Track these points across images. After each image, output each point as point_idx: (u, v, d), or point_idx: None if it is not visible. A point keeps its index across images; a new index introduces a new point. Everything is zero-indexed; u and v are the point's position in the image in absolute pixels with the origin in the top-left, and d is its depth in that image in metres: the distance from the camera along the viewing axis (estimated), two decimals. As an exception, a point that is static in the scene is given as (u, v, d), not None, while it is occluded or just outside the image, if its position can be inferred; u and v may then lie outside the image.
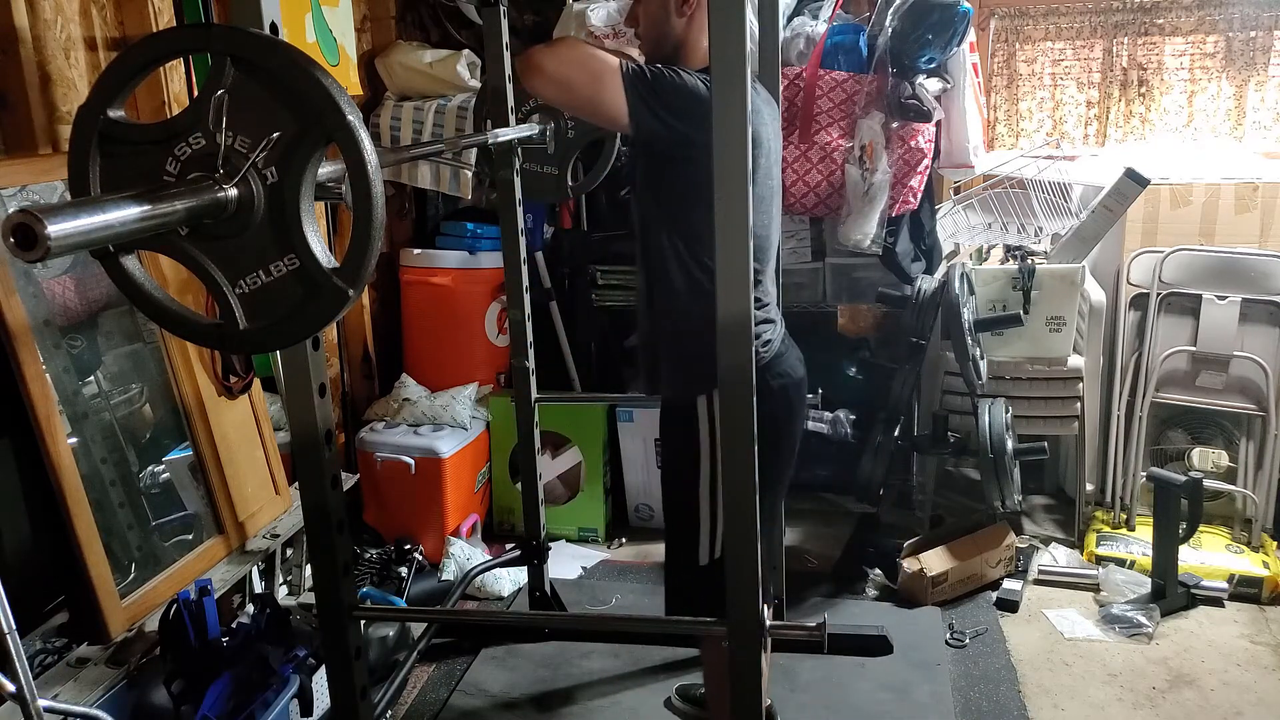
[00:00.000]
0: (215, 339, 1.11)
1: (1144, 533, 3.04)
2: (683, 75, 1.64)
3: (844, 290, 3.40)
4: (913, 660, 2.61)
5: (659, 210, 1.79)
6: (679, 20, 1.74)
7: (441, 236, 3.49)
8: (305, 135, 1.01)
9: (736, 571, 1.47)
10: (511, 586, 3.04)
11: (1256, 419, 3.08)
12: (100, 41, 2.28)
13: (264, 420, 2.60)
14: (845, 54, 3.04)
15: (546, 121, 2.51)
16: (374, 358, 3.41)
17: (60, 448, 1.94)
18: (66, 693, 1.86)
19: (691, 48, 1.76)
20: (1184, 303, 3.14)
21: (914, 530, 3.18)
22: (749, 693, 1.52)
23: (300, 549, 2.69)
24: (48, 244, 0.81)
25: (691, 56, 1.76)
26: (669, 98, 1.61)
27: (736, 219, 1.32)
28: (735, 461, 1.42)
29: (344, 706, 1.68)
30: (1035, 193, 3.23)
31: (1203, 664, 2.59)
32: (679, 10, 1.74)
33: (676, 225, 1.75)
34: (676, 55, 1.76)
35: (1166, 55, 3.49)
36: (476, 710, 2.49)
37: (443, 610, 2.76)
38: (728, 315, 1.35)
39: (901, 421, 3.08)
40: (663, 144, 1.67)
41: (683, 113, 1.61)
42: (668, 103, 1.61)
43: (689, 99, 1.60)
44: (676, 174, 1.71)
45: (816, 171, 3.03)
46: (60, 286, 2.12)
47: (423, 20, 3.54)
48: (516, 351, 2.64)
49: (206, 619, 2.02)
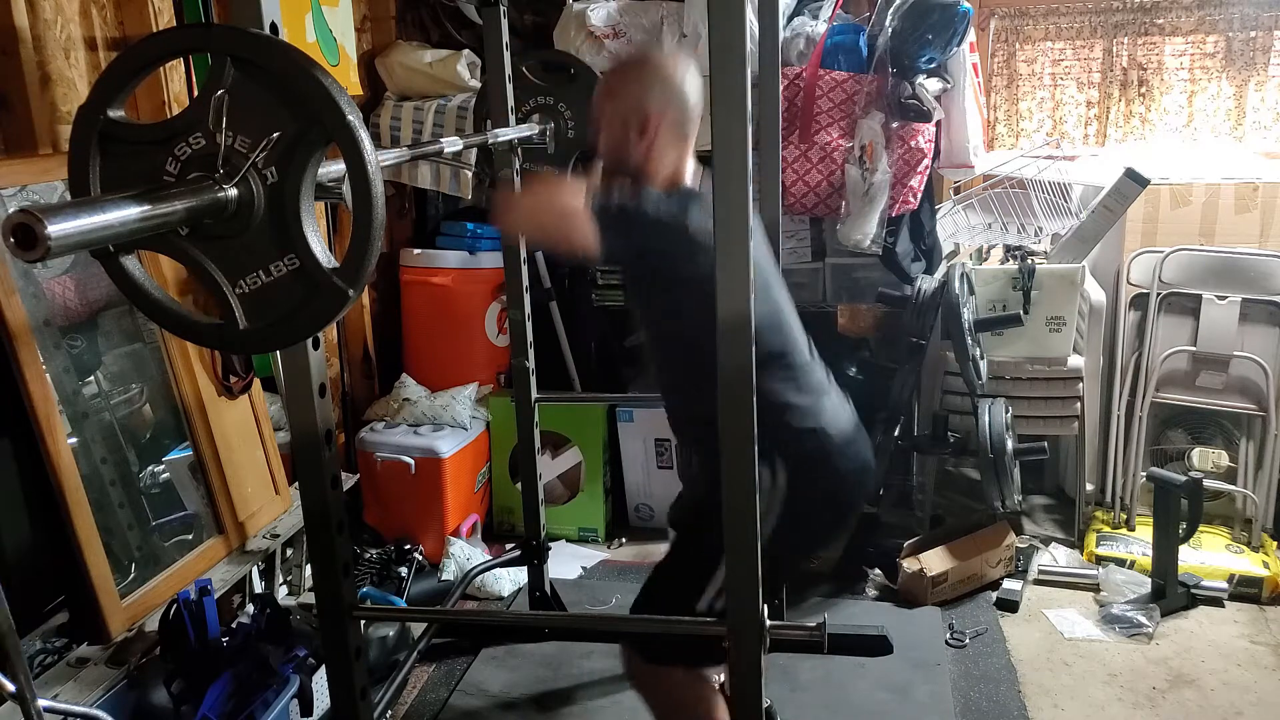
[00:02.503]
0: (215, 339, 1.11)
1: (1144, 533, 3.04)
2: (644, 202, 1.68)
3: (844, 290, 3.39)
4: (913, 660, 2.60)
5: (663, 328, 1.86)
6: (638, 148, 1.79)
7: (441, 236, 3.49)
8: (305, 135, 1.02)
9: (737, 571, 1.47)
10: (511, 586, 3.04)
11: (1256, 419, 3.08)
12: (100, 41, 2.28)
13: (264, 420, 2.60)
14: (845, 54, 3.04)
15: (546, 121, 2.51)
16: (374, 358, 3.41)
17: (60, 448, 1.94)
18: (66, 693, 1.86)
19: (651, 174, 1.80)
20: (1184, 303, 3.14)
21: (914, 530, 3.18)
22: (749, 693, 1.52)
23: (300, 549, 2.69)
24: (48, 244, 0.81)
25: (652, 181, 1.80)
26: (633, 227, 1.67)
27: (736, 219, 1.32)
28: (736, 461, 1.42)
29: (344, 706, 1.68)
30: (1035, 193, 3.23)
31: (1203, 664, 2.59)
32: (638, 139, 1.78)
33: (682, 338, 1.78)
34: (639, 181, 1.80)
35: (1166, 55, 3.49)
36: (476, 710, 2.49)
37: (443, 610, 2.76)
38: (728, 315, 1.35)
39: (901, 421, 3.08)
40: (638, 270, 1.79)
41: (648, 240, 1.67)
42: (632, 232, 1.66)
43: (652, 225, 1.66)
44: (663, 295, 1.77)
45: (816, 171, 3.03)
46: (60, 286, 2.12)
47: (423, 20, 3.54)
48: (516, 351, 2.64)
49: (206, 619, 2.02)
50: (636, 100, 1.78)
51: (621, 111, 1.79)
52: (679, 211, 1.67)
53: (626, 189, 1.72)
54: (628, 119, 1.78)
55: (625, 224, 1.65)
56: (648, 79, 1.80)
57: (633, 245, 1.68)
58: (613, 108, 1.81)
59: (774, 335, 1.75)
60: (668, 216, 1.66)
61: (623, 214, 1.65)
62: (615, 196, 1.68)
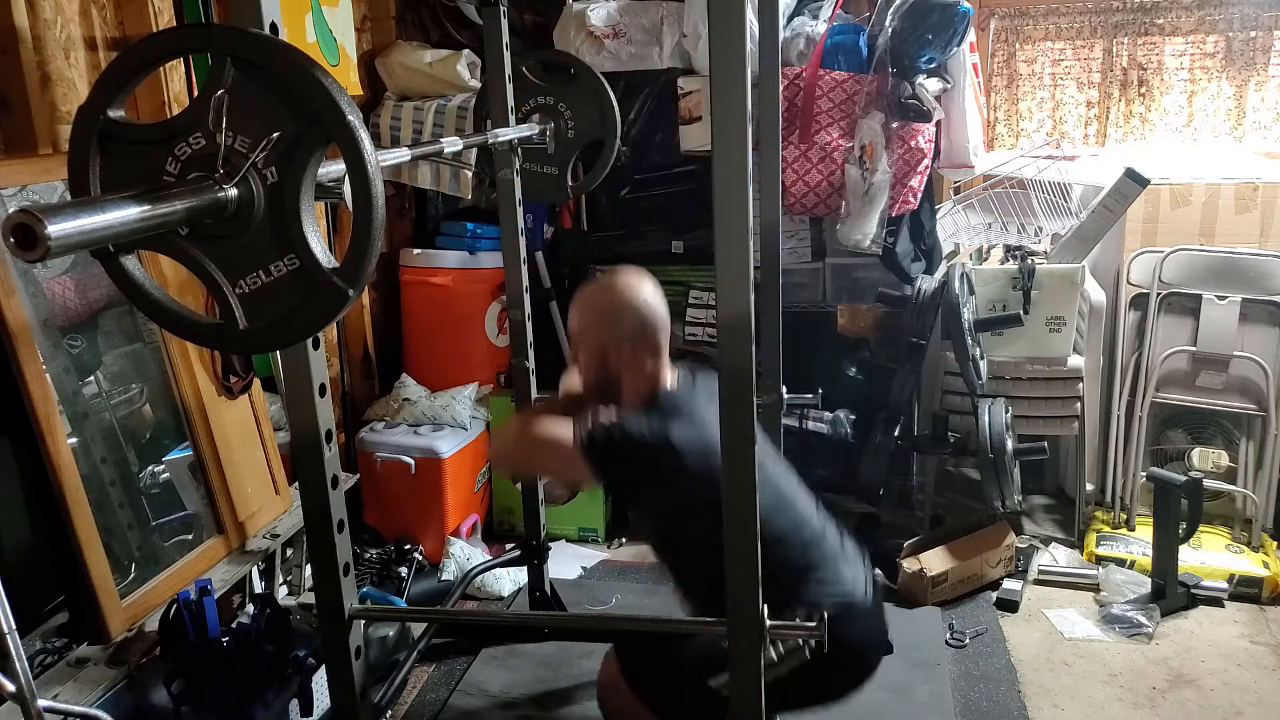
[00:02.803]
0: (215, 339, 1.11)
1: (1144, 533, 3.04)
2: (627, 429, 1.76)
3: (844, 290, 3.40)
4: (913, 660, 2.60)
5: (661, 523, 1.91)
6: (615, 363, 1.86)
7: (441, 236, 3.49)
8: (305, 135, 1.01)
9: (737, 571, 1.47)
10: (511, 586, 3.04)
11: (1256, 419, 3.08)
12: (100, 41, 2.28)
13: (264, 420, 2.60)
14: (845, 54, 3.04)
15: (546, 121, 2.52)
16: (374, 358, 3.41)
17: (60, 448, 1.94)
18: (66, 693, 1.86)
19: (628, 387, 1.86)
20: (1184, 303, 3.14)
21: (914, 530, 3.18)
22: (749, 693, 1.52)
23: (300, 549, 2.69)
24: (48, 244, 0.81)
25: (629, 393, 1.86)
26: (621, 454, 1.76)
27: (736, 218, 1.32)
28: (736, 461, 1.42)
29: (344, 706, 1.68)
30: (1035, 193, 3.23)
31: (1203, 664, 2.59)
32: (615, 355, 1.86)
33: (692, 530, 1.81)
34: (615, 392, 1.88)
35: (1166, 55, 3.49)
36: (476, 710, 2.49)
37: (443, 610, 2.76)
38: (728, 315, 1.35)
39: (901, 421, 3.08)
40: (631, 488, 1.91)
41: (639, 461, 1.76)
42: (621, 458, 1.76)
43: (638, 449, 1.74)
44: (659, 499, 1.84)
45: (816, 171, 3.03)
46: (60, 286, 2.12)
47: (423, 20, 3.54)
48: (516, 351, 2.64)
49: (206, 619, 2.02)
50: (592, 336, 1.90)
51: (585, 346, 1.91)
52: (660, 429, 1.74)
53: (610, 415, 1.80)
54: (592, 352, 1.89)
55: (613, 453, 1.75)
56: (594, 314, 1.91)
57: (626, 469, 1.79)
58: (579, 341, 1.94)
59: (779, 515, 1.77)
60: (651, 437, 1.74)
61: (609, 444, 1.75)
62: (599, 428, 1.76)
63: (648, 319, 1.85)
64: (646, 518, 1.97)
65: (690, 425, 1.73)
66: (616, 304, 1.87)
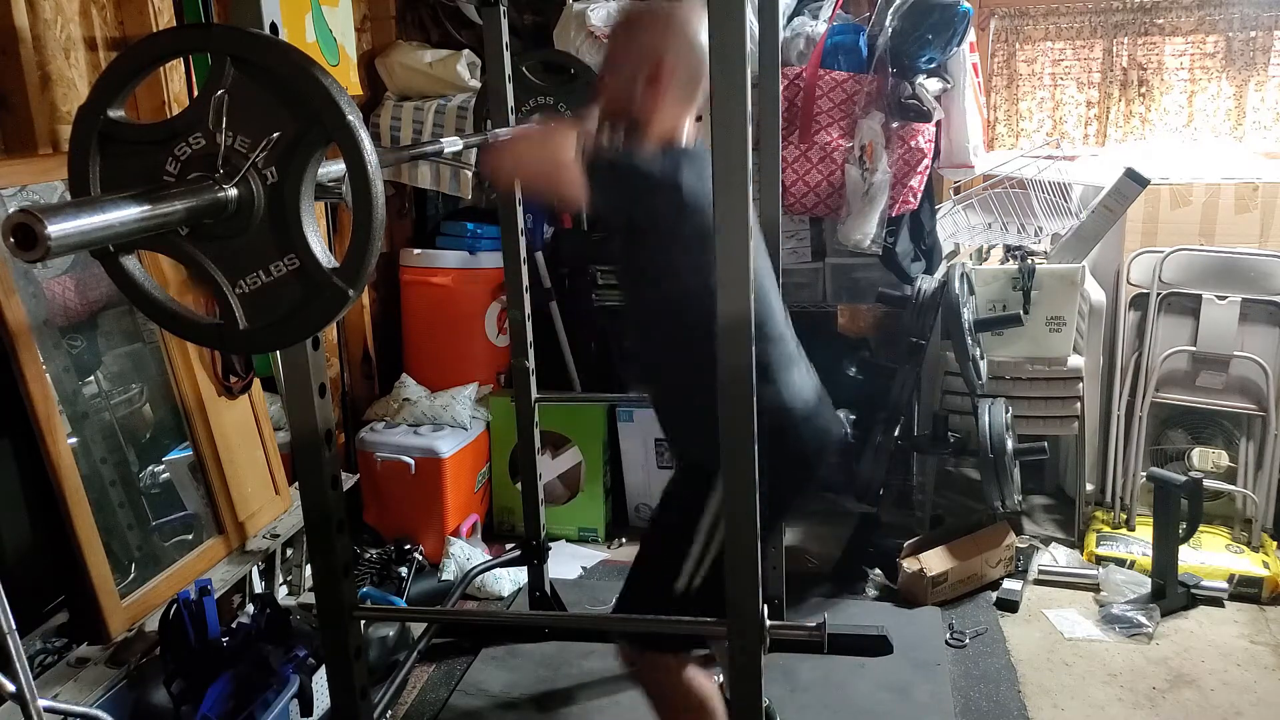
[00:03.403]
0: (215, 339, 1.11)
1: (1144, 533, 3.04)
2: (638, 157, 1.65)
3: (844, 290, 3.39)
4: (913, 660, 2.60)
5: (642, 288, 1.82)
6: (644, 97, 1.73)
7: (441, 236, 3.49)
8: (305, 135, 1.02)
9: (736, 571, 1.47)
10: (511, 586, 3.04)
11: (1256, 419, 3.08)
12: (100, 41, 2.28)
13: (264, 420, 2.60)
14: (845, 54, 3.04)
15: (546, 121, 2.51)
16: (374, 358, 3.41)
17: (60, 448, 1.94)
18: (66, 693, 1.86)
19: (650, 127, 1.73)
20: (1184, 303, 3.14)
21: (914, 530, 3.18)
22: (749, 693, 1.52)
23: (300, 549, 2.69)
24: (48, 244, 0.81)
25: (652, 134, 1.74)
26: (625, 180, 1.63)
27: (736, 218, 1.32)
28: (736, 461, 1.42)
29: (344, 706, 1.68)
30: (1035, 193, 3.23)
31: (1203, 664, 2.59)
32: (646, 87, 1.72)
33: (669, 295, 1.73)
34: (637, 130, 1.75)
35: (1166, 55, 3.49)
36: (476, 710, 2.49)
37: (443, 610, 2.76)
38: (728, 315, 1.35)
39: (901, 421, 3.07)
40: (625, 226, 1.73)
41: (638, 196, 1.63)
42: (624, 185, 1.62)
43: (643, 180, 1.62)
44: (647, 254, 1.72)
45: (816, 171, 3.03)
46: (60, 286, 2.12)
47: (423, 20, 3.54)
48: (516, 351, 2.64)
49: (206, 619, 2.02)
50: (653, 46, 1.72)
51: (635, 54, 1.73)
52: (671, 170, 1.62)
53: (620, 140, 1.69)
54: (640, 63, 1.72)
55: (616, 179, 1.61)
56: (670, 28, 1.73)
57: (622, 201, 1.64)
58: (627, 48, 1.76)
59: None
60: (660, 174, 1.62)
61: (614, 169, 1.61)
62: (607, 149, 1.64)
63: (699, 61, 1.68)
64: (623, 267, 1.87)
65: (700, 180, 1.58)
66: (684, 28, 1.71)
